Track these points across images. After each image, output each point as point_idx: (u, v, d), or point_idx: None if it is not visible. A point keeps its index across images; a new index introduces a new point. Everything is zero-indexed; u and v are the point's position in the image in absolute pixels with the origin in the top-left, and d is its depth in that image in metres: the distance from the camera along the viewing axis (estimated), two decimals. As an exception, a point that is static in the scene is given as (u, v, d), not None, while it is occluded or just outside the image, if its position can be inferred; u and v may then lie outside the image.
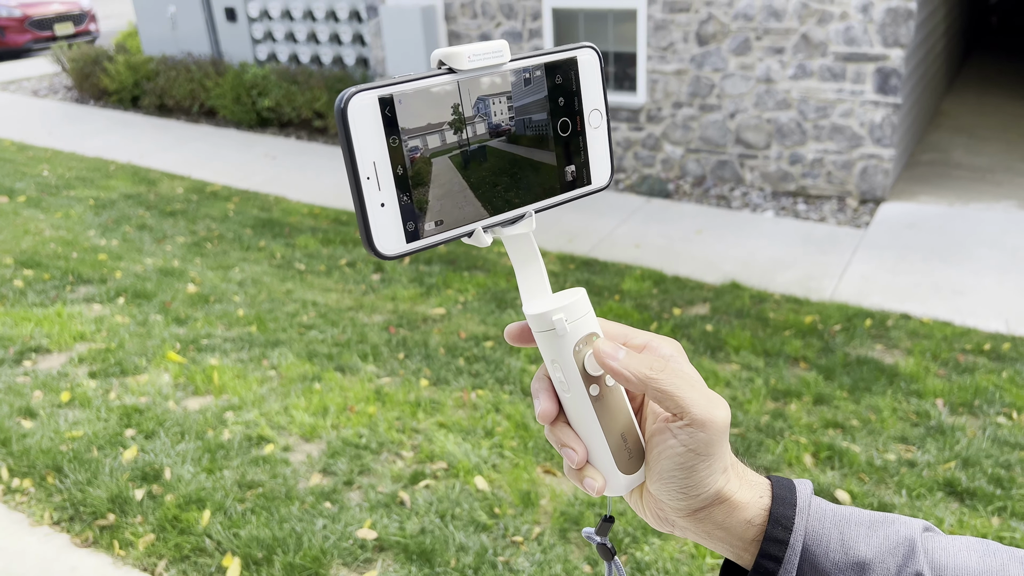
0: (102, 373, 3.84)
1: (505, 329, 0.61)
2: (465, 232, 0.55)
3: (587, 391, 0.58)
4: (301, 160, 7.64)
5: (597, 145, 0.61)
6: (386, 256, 0.52)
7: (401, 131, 0.51)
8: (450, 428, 3.35)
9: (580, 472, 0.60)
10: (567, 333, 0.57)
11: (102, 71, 9.98)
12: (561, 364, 0.58)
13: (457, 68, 0.53)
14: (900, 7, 5.44)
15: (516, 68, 0.56)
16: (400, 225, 0.52)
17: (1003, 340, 4.04)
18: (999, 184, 6.10)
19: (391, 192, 0.51)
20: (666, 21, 6.28)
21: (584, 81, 0.59)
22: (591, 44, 0.60)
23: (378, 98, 0.50)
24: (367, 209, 0.50)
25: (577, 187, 0.60)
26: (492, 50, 0.54)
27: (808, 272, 4.95)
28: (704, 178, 6.57)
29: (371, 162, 0.50)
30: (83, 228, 5.94)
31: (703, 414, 0.55)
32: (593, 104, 0.60)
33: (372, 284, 4.90)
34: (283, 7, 8.83)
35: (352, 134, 0.49)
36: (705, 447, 0.55)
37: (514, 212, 0.57)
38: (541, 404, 0.60)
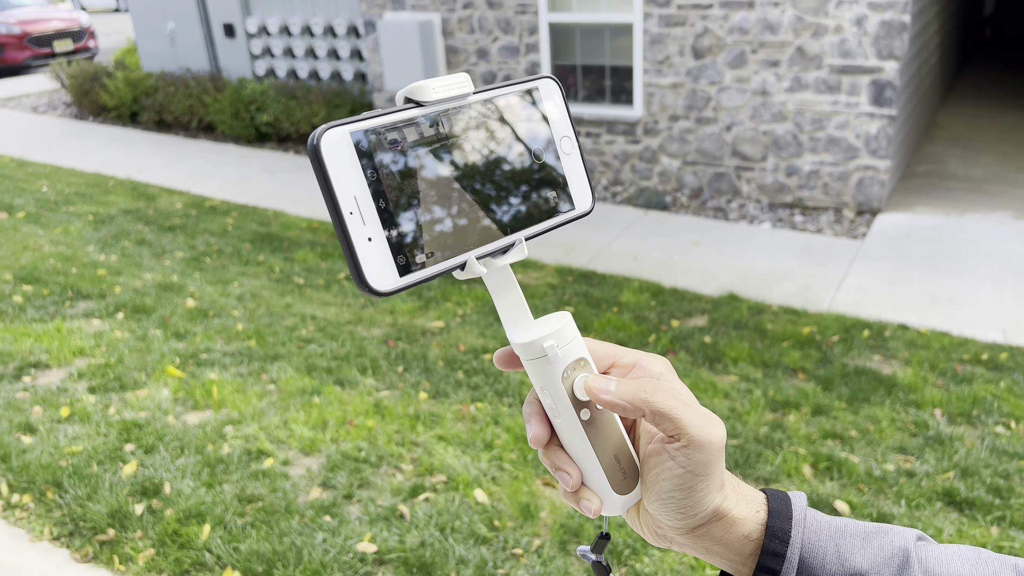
0: (101, 388, 3.84)
1: (494, 355, 0.61)
2: (458, 263, 0.54)
3: (578, 416, 0.58)
4: (299, 175, 7.66)
5: (573, 171, 0.61)
6: (381, 292, 0.51)
7: (378, 164, 0.51)
8: (449, 441, 3.35)
9: (576, 495, 0.60)
10: (558, 359, 0.57)
11: (101, 87, 10.03)
12: (551, 391, 0.58)
13: (423, 100, 0.54)
14: (894, 20, 5.49)
15: (482, 99, 0.57)
16: (391, 259, 0.51)
17: (1000, 350, 4.05)
18: (994, 195, 6.13)
19: (376, 225, 0.51)
20: (662, 35, 6.33)
21: (549, 110, 0.61)
22: (551, 75, 0.62)
23: (349, 132, 0.50)
24: (354, 244, 0.50)
25: (560, 213, 0.60)
26: (455, 82, 0.55)
27: (805, 283, 4.97)
28: (701, 190, 6.60)
29: (351, 196, 0.50)
30: (82, 244, 5.95)
31: (700, 435, 0.55)
32: (562, 132, 0.61)
33: (370, 298, 4.91)
34: (281, 23, 8.89)
35: (328, 169, 0.49)
36: (703, 467, 0.55)
37: (504, 240, 0.57)
38: (533, 429, 0.60)
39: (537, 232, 0.59)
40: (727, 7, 6.02)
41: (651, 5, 6.29)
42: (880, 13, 5.51)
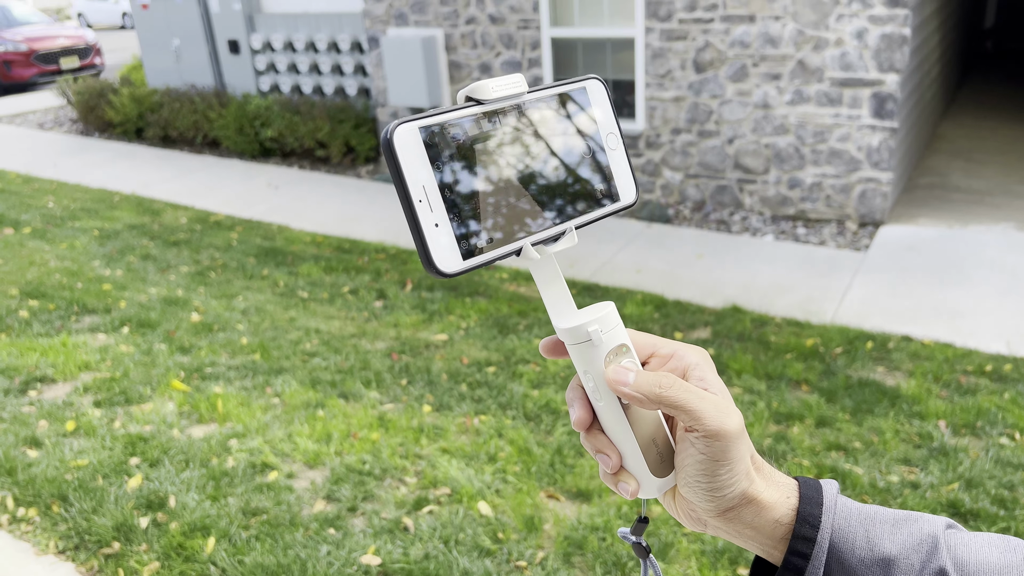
0: (107, 402, 3.85)
1: (540, 343, 0.64)
2: (515, 248, 0.58)
3: (618, 399, 0.61)
4: (303, 189, 7.70)
5: (618, 165, 0.65)
6: (447, 274, 0.54)
7: (444, 156, 0.55)
8: (453, 454, 3.36)
9: (615, 477, 0.63)
10: (602, 343, 0.60)
11: (107, 103, 10.10)
12: (593, 374, 0.61)
13: (483, 99, 0.58)
14: (894, 33, 5.52)
15: (535, 98, 0.61)
16: (455, 243, 0.55)
17: (1004, 361, 4.05)
18: (997, 207, 6.14)
19: (442, 213, 0.55)
20: (663, 49, 6.37)
21: (596, 108, 0.65)
22: (597, 76, 0.66)
23: (419, 127, 0.54)
24: (423, 230, 0.54)
25: (607, 204, 0.64)
26: (511, 82, 0.59)
27: (809, 295, 4.97)
28: (704, 203, 6.62)
29: (420, 186, 0.54)
30: (88, 259, 5.98)
31: (714, 425, 0.58)
32: (608, 128, 0.65)
33: (375, 311, 4.93)
34: (286, 39, 8.95)
35: (400, 161, 0.53)
36: (722, 454, 0.58)
37: (557, 229, 0.61)
38: (576, 412, 0.63)
39: (586, 221, 0.63)
40: (728, 21, 6.06)
41: (652, 20, 6.33)
42: (881, 26, 5.54)
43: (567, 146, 0.62)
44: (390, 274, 5.50)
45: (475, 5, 7.12)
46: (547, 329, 4.57)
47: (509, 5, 6.95)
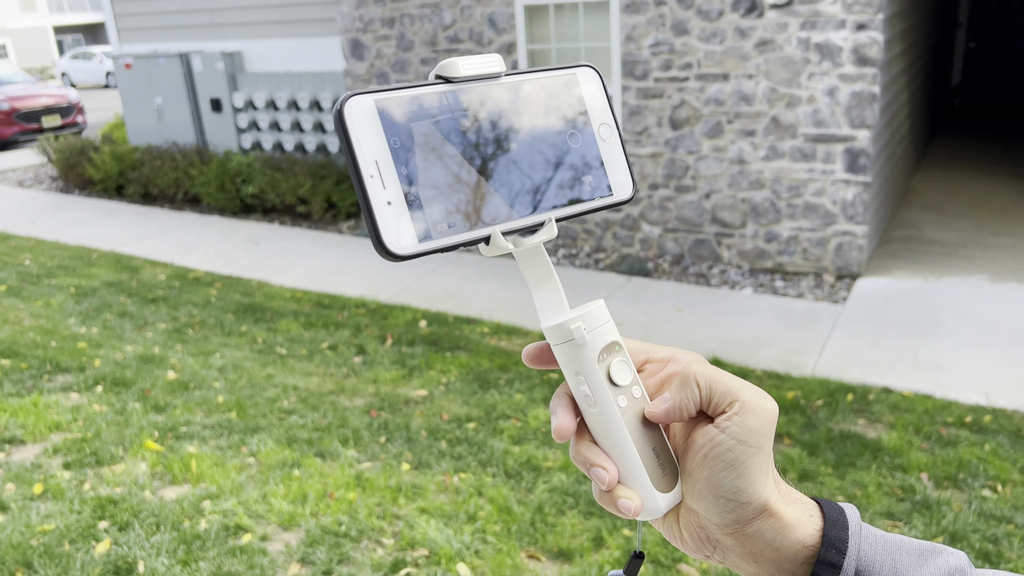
0: (77, 464, 3.76)
1: (523, 351, 0.59)
2: (482, 236, 0.54)
3: (615, 402, 0.56)
4: (284, 245, 7.69)
5: (612, 157, 0.61)
6: (398, 255, 0.51)
7: (400, 131, 0.52)
8: (432, 513, 3.29)
9: (612, 494, 0.57)
10: (587, 342, 0.56)
11: (87, 161, 10.11)
12: (586, 376, 0.56)
13: (452, 77, 0.54)
14: (864, 91, 5.65)
15: (516, 81, 0.57)
16: (410, 223, 0.51)
17: (984, 412, 4.06)
18: (971, 259, 6.23)
19: (397, 190, 0.51)
20: (640, 107, 6.48)
21: (587, 96, 0.61)
22: (591, 64, 0.62)
23: (374, 100, 0.51)
24: (373, 207, 0.50)
25: (598, 197, 0.60)
26: (486, 61, 0.56)
27: (789, 348, 4.98)
28: (682, 256, 6.67)
29: (372, 160, 0.50)
30: (63, 316, 5.91)
31: (752, 400, 0.54)
32: (601, 118, 0.61)
33: (354, 367, 4.88)
34: (268, 97, 9.04)
35: (351, 132, 0.50)
36: (756, 437, 0.53)
37: (533, 219, 0.56)
38: (558, 419, 0.57)
39: (570, 214, 0.58)
40: (702, 80, 6.19)
41: (629, 78, 6.46)
42: (851, 84, 5.68)
43: (551, 133, 0.58)
44: (370, 329, 5.47)
45: (455, 64, 7.24)
46: (529, 383, 4.54)
47: (488, 64, 7.07)
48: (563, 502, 3.34)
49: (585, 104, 0.60)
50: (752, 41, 5.93)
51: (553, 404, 0.59)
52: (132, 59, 10.00)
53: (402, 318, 5.64)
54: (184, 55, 9.55)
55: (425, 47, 7.35)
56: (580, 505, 3.31)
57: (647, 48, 6.32)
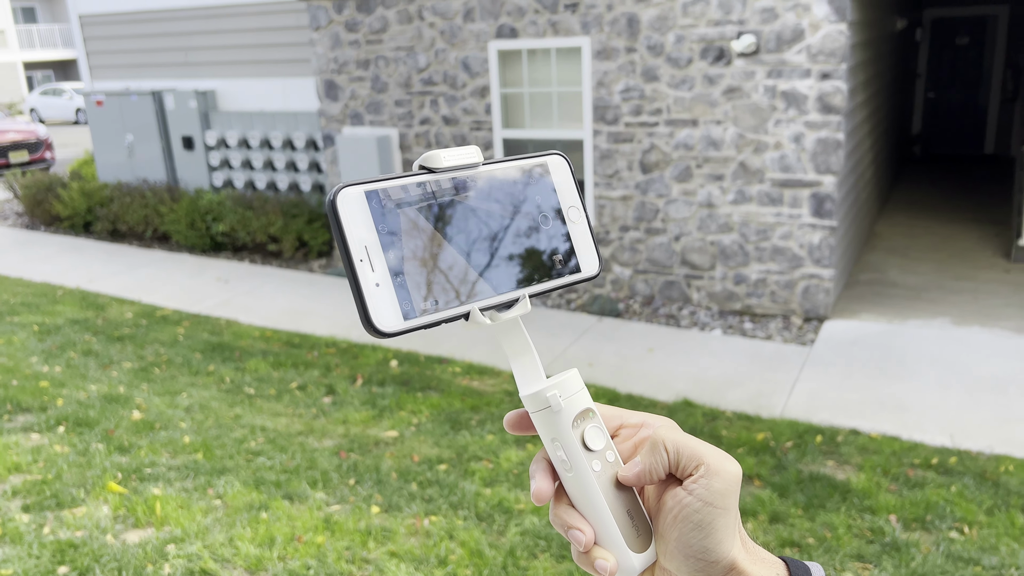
0: (36, 506, 3.66)
1: (504, 418, 0.63)
2: (462, 312, 0.58)
3: (590, 467, 0.59)
4: (254, 283, 7.64)
5: (580, 237, 0.65)
6: (386, 333, 0.54)
7: (387, 218, 0.56)
8: (402, 557, 3.24)
9: (589, 555, 0.59)
10: (562, 409, 0.59)
11: (55, 197, 10.01)
12: (562, 441, 0.60)
13: (435, 167, 0.59)
14: (829, 138, 5.80)
15: (492, 169, 0.62)
16: (396, 303, 0.55)
17: (949, 454, 4.11)
18: (933, 302, 6.35)
19: (384, 272, 0.55)
20: (611, 151, 6.59)
21: (557, 181, 0.65)
22: (559, 151, 0.67)
23: (363, 190, 0.55)
24: (363, 289, 0.54)
25: (566, 275, 0.64)
26: (465, 152, 0.60)
27: (758, 389, 5.03)
28: (653, 297, 6.73)
29: (362, 246, 0.55)
30: (25, 355, 5.79)
31: (717, 462, 0.57)
32: (569, 202, 0.65)
33: (323, 407, 4.83)
34: (241, 136, 9.04)
35: (342, 220, 0.54)
36: (721, 498, 0.56)
37: (509, 295, 0.60)
38: (537, 483, 0.60)
39: (542, 290, 0.63)
40: (672, 125, 6.31)
41: (600, 123, 6.57)
42: (816, 131, 5.83)
43: (523, 216, 0.62)
44: (340, 369, 5.43)
45: (429, 107, 7.32)
46: (501, 424, 4.52)
47: (462, 108, 7.16)
48: (535, 545, 3.31)
49: (555, 189, 0.65)
50: (720, 88, 6.08)
51: (532, 469, 0.62)
52: (104, 96, 9.96)
53: (373, 358, 5.60)
54: (157, 93, 9.54)
55: (399, 89, 7.43)
56: (552, 548, 3.29)
57: (618, 93, 6.44)
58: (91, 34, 10.56)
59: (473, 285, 0.59)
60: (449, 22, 7.02)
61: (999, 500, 3.65)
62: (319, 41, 7.73)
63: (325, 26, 7.65)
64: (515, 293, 0.61)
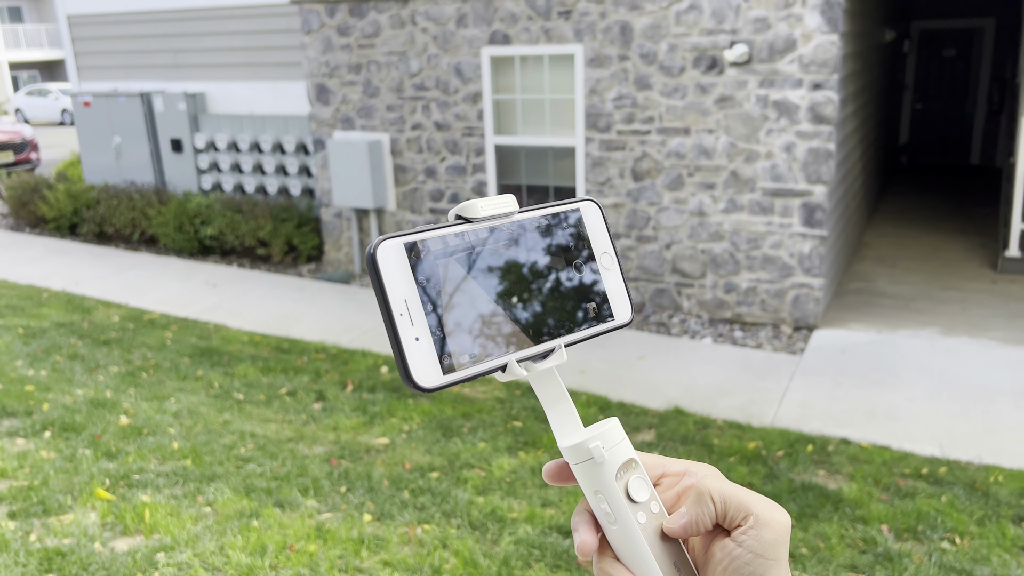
0: (23, 513, 3.61)
1: (543, 468, 0.62)
2: (500, 365, 0.57)
3: (635, 519, 0.58)
4: (243, 287, 7.59)
5: (613, 284, 0.65)
6: (426, 389, 0.53)
7: (427, 272, 0.55)
8: (395, 566, 3.22)
9: None
10: (606, 460, 0.58)
11: (40, 199, 9.91)
12: (605, 494, 0.58)
13: (472, 217, 0.58)
14: (820, 148, 5.83)
15: (527, 219, 0.61)
16: (436, 358, 0.54)
17: (939, 464, 4.13)
18: (922, 312, 6.40)
19: (423, 327, 0.54)
20: (603, 158, 6.59)
21: (590, 228, 0.65)
22: (592, 199, 0.66)
23: (403, 243, 0.55)
24: (403, 343, 0.53)
25: (600, 323, 0.63)
26: (501, 202, 0.60)
27: (749, 398, 5.04)
28: (644, 305, 6.74)
29: (402, 299, 0.54)
30: (10, 358, 5.72)
31: (766, 513, 0.56)
32: (602, 248, 0.65)
33: (313, 414, 4.79)
34: (230, 139, 8.99)
35: (383, 274, 0.53)
36: (772, 550, 0.55)
37: (544, 346, 0.60)
38: (580, 536, 0.59)
39: (577, 339, 0.62)
40: (664, 133, 6.33)
41: (592, 130, 6.58)
42: (807, 141, 5.86)
43: (558, 265, 0.62)
44: (330, 374, 5.39)
45: (421, 112, 7.31)
46: (492, 431, 4.50)
47: (454, 113, 7.15)
48: (529, 554, 3.30)
49: (588, 236, 0.65)
50: (712, 97, 6.10)
51: (574, 521, 0.61)
52: (91, 97, 9.88)
53: (363, 363, 5.57)
54: (145, 94, 9.48)
55: (391, 94, 7.41)
56: (547, 558, 3.27)
57: (610, 101, 6.46)
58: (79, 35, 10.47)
59: (509, 336, 0.58)
60: (442, 27, 7.01)
61: (989, 511, 3.66)
62: (310, 45, 7.70)
63: (317, 30, 7.62)
64: (551, 344, 0.60)
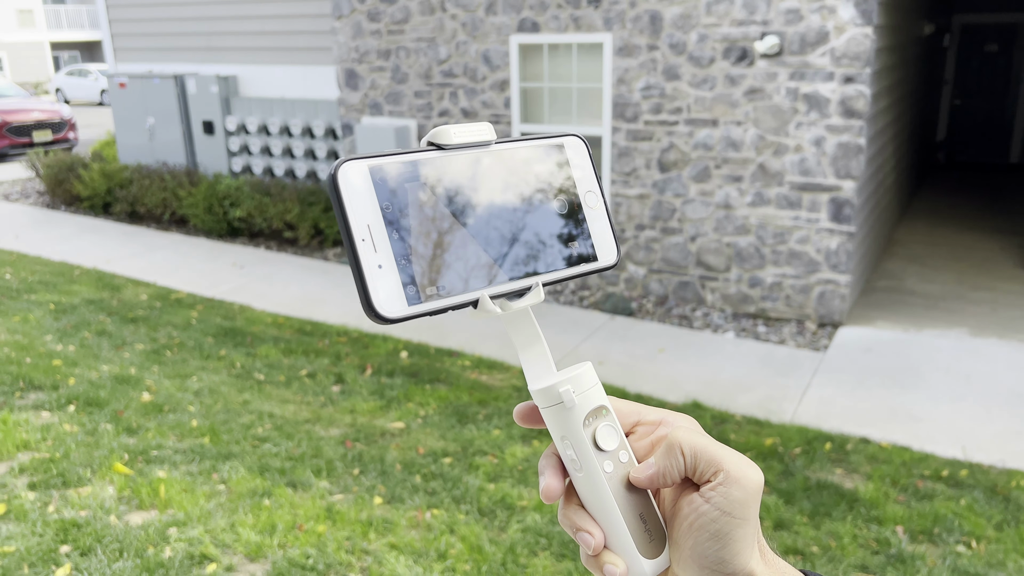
0: (43, 484, 3.69)
1: (514, 410, 0.60)
2: (470, 300, 0.54)
3: (601, 468, 0.56)
4: (269, 270, 7.66)
5: (597, 225, 0.62)
6: (387, 319, 0.51)
7: (392, 197, 0.53)
8: (401, 550, 3.24)
9: (598, 559, 0.56)
10: (575, 405, 0.56)
11: (76, 177, 10.08)
12: (572, 440, 0.56)
13: (444, 144, 0.56)
14: (850, 142, 5.73)
15: (506, 148, 0.58)
16: (400, 287, 0.52)
17: (960, 467, 4.06)
18: (951, 311, 6.27)
19: (387, 254, 0.52)
20: (629, 148, 6.54)
21: (574, 164, 0.62)
22: (577, 133, 0.63)
23: (368, 166, 0.52)
24: (364, 270, 0.51)
25: (582, 263, 0.61)
26: (476, 129, 0.57)
27: (769, 394, 4.98)
28: (666, 298, 6.69)
29: (365, 224, 0.51)
30: (40, 333, 5.84)
31: (737, 469, 0.53)
32: (587, 187, 0.62)
33: (331, 396, 4.83)
34: (260, 122, 9.07)
35: (343, 197, 0.51)
36: (740, 508, 0.53)
37: (521, 283, 0.57)
38: (546, 480, 0.57)
39: (557, 279, 0.59)
40: (692, 124, 6.26)
41: (619, 120, 6.53)
42: (837, 135, 5.76)
43: (537, 200, 0.59)
44: (350, 358, 5.43)
45: (448, 99, 7.30)
46: (508, 419, 4.50)
47: (481, 100, 7.14)
48: (536, 543, 3.30)
49: (572, 172, 0.61)
50: (742, 89, 6.02)
51: (541, 465, 0.59)
52: (127, 78, 10.02)
53: (383, 348, 5.60)
54: (179, 77, 9.58)
55: (419, 80, 7.41)
56: (553, 547, 3.27)
57: (638, 91, 6.40)
58: (117, 16, 10.61)
59: (483, 271, 0.55)
60: (471, 14, 6.99)
61: (1009, 515, 3.59)
62: (341, 30, 7.73)
63: (348, 15, 7.64)
64: (527, 281, 0.57)
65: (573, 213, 0.61)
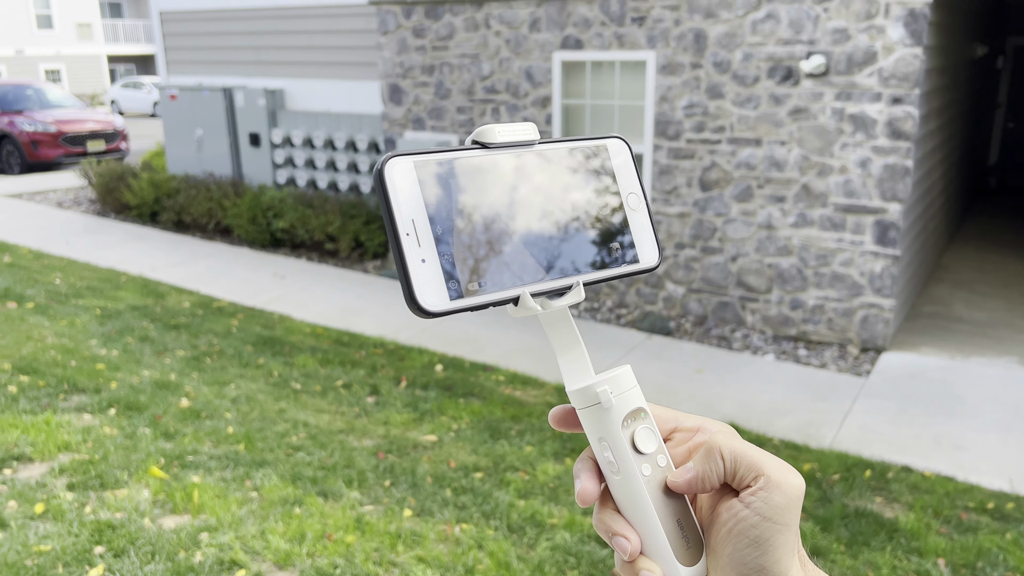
0: (81, 485, 3.75)
1: (550, 413, 0.59)
2: (511, 296, 0.55)
3: (639, 471, 0.56)
4: (309, 280, 7.75)
5: (639, 226, 0.62)
6: (430, 312, 0.51)
7: (437, 193, 0.53)
8: (429, 563, 3.23)
9: (634, 565, 0.55)
10: (613, 406, 0.56)
11: (126, 186, 10.33)
12: (609, 442, 0.56)
13: (488, 143, 0.56)
14: (897, 164, 5.62)
15: (549, 149, 0.59)
16: (442, 282, 0.52)
17: (1007, 499, 3.92)
18: (1000, 340, 6.10)
19: (431, 249, 0.52)
20: (671, 166, 6.50)
21: (616, 166, 0.62)
22: (619, 135, 0.63)
23: (413, 162, 0.53)
24: (408, 264, 0.51)
25: (623, 264, 0.61)
26: (521, 129, 0.57)
27: (808, 419, 4.88)
28: (705, 318, 6.61)
29: (410, 219, 0.52)
30: (85, 337, 5.97)
31: (778, 474, 0.52)
32: (629, 188, 0.62)
33: (366, 407, 4.85)
34: (305, 135, 9.21)
35: (389, 191, 0.51)
36: (781, 514, 0.52)
37: (562, 282, 0.57)
38: (581, 483, 0.56)
39: (597, 279, 0.59)
40: (735, 143, 6.20)
41: (661, 138, 6.49)
42: (884, 157, 5.66)
43: (579, 200, 0.59)
44: (386, 370, 5.45)
45: (490, 115, 7.34)
46: (540, 435, 4.48)
47: (523, 117, 7.16)
48: (564, 561, 3.26)
49: (615, 173, 0.62)
50: (786, 108, 5.95)
51: (577, 468, 0.58)
52: (178, 90, 10.26)
53: (419, 360, 5.62)
54: (228, 89, 9.79)
55: (462, 96, 7.47)
56: (582, 566, 3.23)
57: (681, 109, 6.36)
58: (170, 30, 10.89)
59: (524, 268, 0.55)
60: (515, 31, 7.03)
61: (1058, 552, 3.46)
62: (386, 45, 7.83)
63: (393, 31, 7.74)
64: (568, 280, 0.57)
65: (615, 214, 0.61)
